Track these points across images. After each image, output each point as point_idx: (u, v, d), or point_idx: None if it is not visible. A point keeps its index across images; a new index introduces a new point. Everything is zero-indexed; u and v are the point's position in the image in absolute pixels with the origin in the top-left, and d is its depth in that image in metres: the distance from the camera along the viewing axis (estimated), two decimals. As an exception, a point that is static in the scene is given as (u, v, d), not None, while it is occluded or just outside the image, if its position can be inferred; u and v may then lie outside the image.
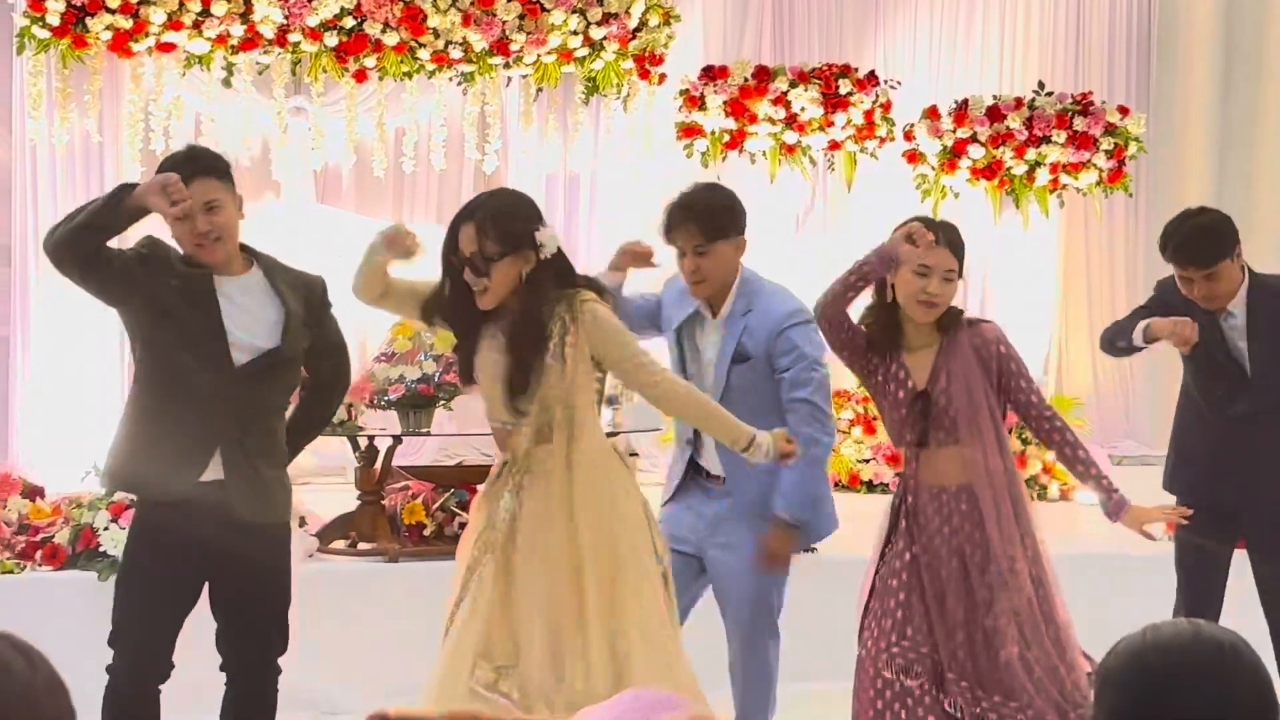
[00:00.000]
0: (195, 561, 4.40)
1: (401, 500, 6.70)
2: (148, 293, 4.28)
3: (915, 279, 4.52)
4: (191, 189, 4.25)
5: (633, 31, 9.23)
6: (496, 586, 4.25)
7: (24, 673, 1.60)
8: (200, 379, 4.30)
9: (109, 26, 8.34)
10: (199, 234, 4.31)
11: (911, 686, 4.44)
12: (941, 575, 4.49)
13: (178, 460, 4.32)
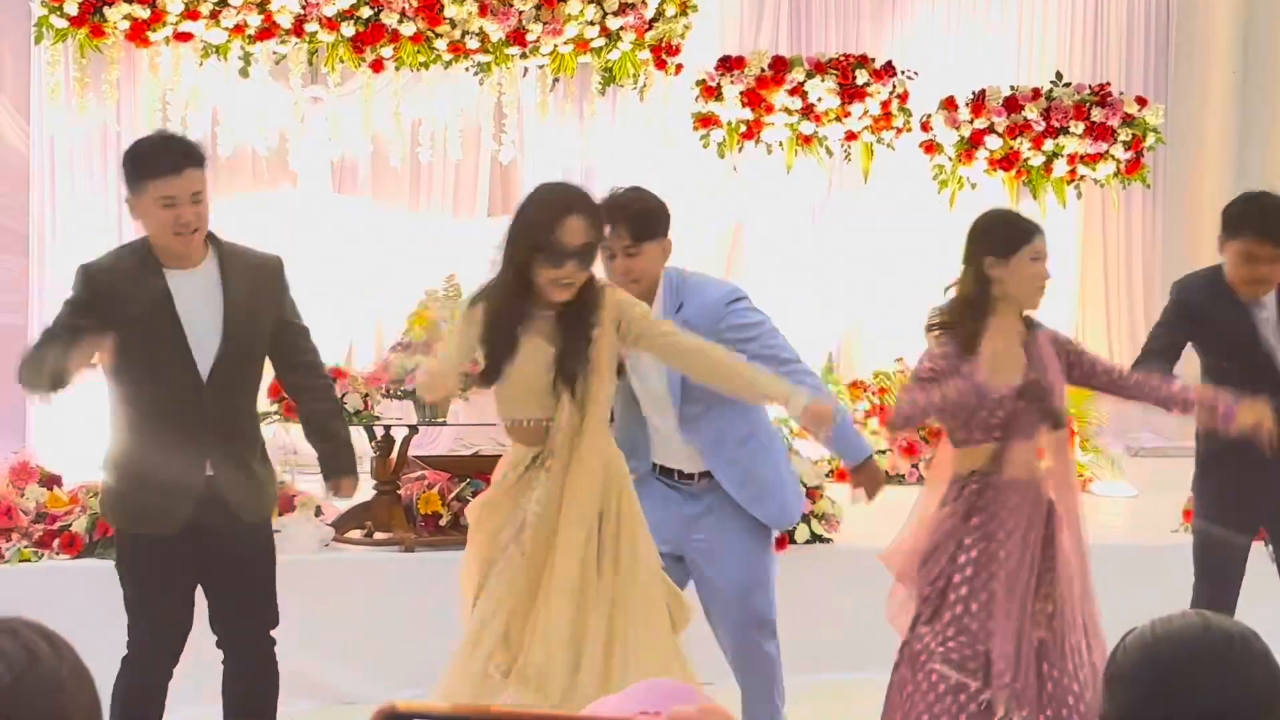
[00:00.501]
0: (188, 556, 4.46)
1: (417, 490, 6.71)
2: (108, 338, 4.29)
3: (1034, 265, 4.50)
4: (182, 179, 4.25)
5: (649, 22, 9.22)
6: (522, 578, 4.24)
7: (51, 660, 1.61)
8: (174, 400, 4.34)
9: (126, 16, 8.36)
10: (183, 224, 4.29)
11: (968, 684, 4.41)
12: (1016, 571, 4.46)
13: (169, 497, 4.37)
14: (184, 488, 4.36)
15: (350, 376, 6.72)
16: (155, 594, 4.48)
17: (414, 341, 6.68)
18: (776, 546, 6.65)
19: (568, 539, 4.23)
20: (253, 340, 4.45)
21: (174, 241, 4.31)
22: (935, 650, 4.46)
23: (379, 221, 10.01)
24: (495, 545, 4.30)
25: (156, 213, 4.27)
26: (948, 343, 4.51)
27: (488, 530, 4.35)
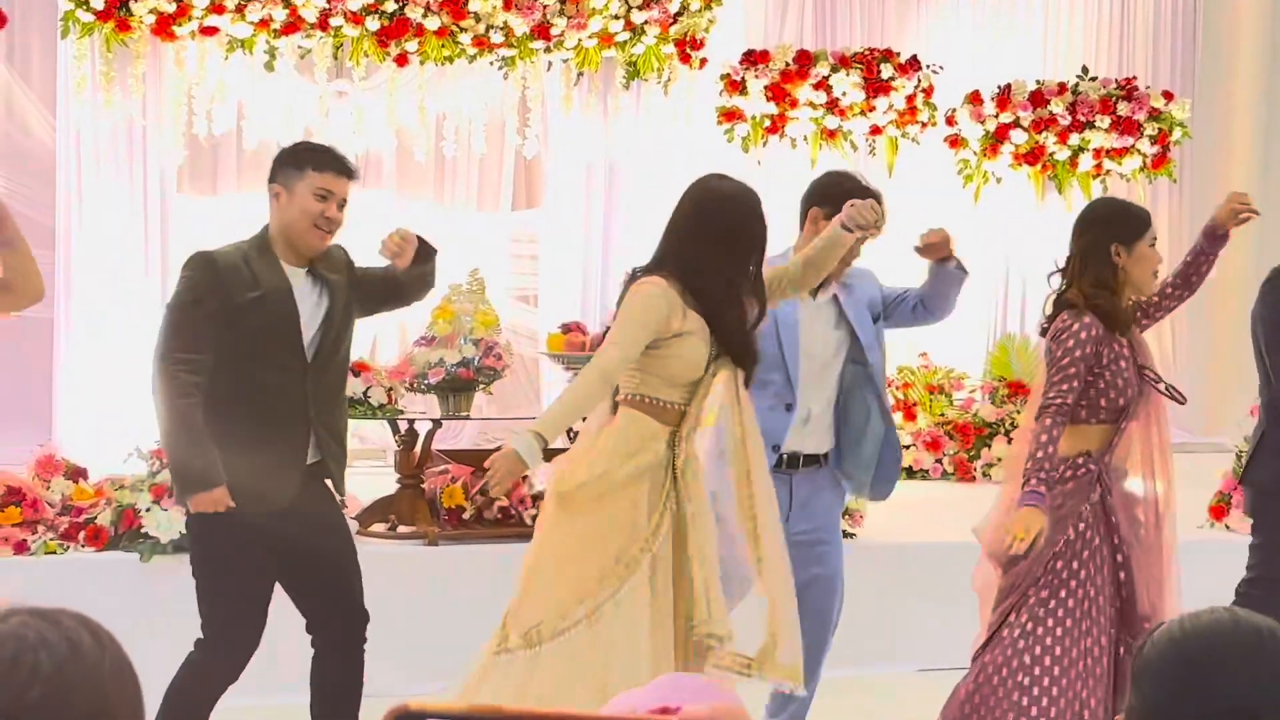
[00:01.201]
0: (273, 543, 4.49)
1: (441, 484, 6.72)
2: (228, 330, 4.39)
3: (1152, 250, 4.61)
4: (341, 181, 4.51)
5: (674, 16, 9.22)
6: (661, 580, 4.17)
7: (93, 651, 1.61)
8: (284, 380, 4.43)
9: (152, 10, 8.39)
10: (327, 219, 4.48)
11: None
12: (1130, 559, 4.50)
13: (274, 476, 4.42)
14: (293, 465, 4.46)
15: (374, 370, 6.73)
16: (249, 581, 4.49)
17: (438, 336, 6.69)
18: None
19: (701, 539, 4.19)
20: (344, 325, 4.61)
21: (311, 233, 4.47)
22: (1063, 638, 4.42)
23: (403, 215, 10.02)
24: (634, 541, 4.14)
25: (308, 201, 4.44)
26: (1094, 324, 4.50)
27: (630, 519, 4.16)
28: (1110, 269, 4.56)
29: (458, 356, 6.59)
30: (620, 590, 4.08)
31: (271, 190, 4.52)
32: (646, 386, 4.21)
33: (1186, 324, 11.55)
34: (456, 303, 6.69)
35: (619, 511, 4.14)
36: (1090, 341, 4.45)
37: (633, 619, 4.08)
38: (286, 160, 4.55)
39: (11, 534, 6.16)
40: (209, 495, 4.33)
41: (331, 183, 4.48)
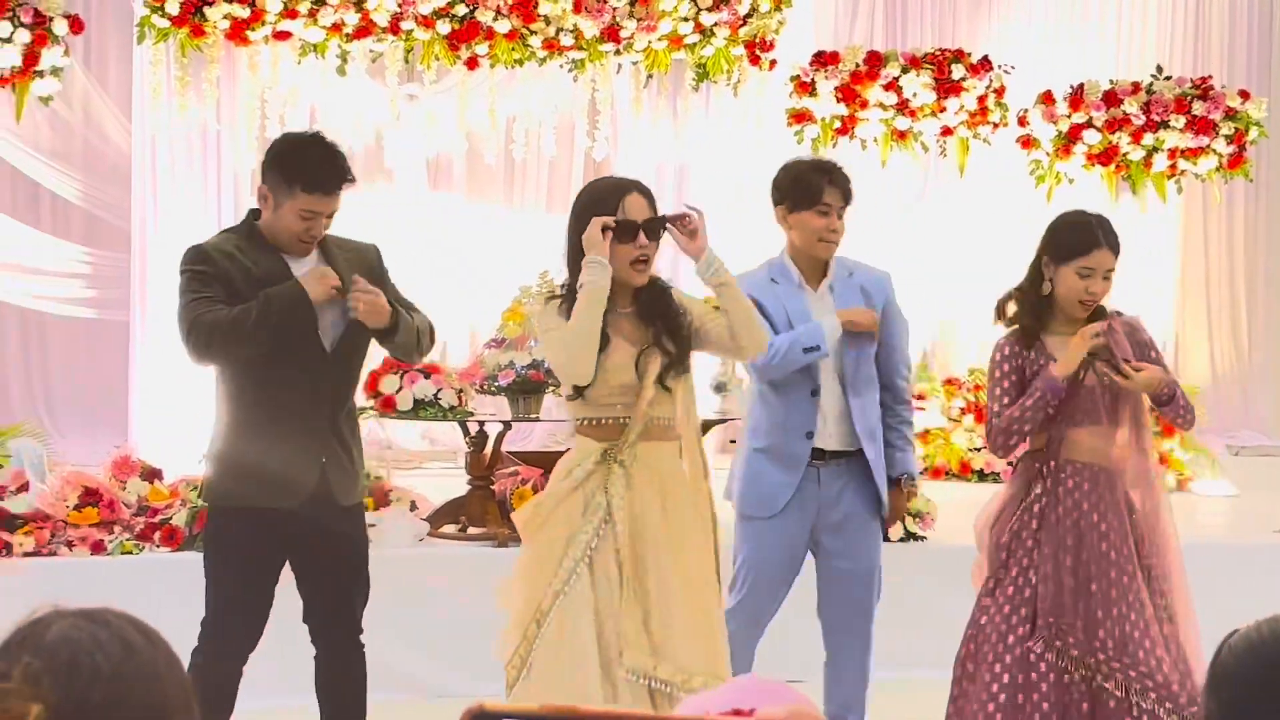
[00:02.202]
0: (280, 542, 4.48)
1: (511, 485, 6.74)
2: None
3: (1078, 280, 4.55)
4: (330, 200, 4.38)
5: (744, 17, 9.20)
6: (611, 574, 4.20)
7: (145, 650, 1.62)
8: (298, 372, 4.37)
9: (226, 15, 8.47)
10: (311, 235, 4.40)
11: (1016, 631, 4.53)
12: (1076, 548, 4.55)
13: (288, 471, 4.40)
14: (310, 461, 4.42)
15: (445, 372, 6.76)
16: (253, 575, 4.48)
17: (508, 338, 6.71)
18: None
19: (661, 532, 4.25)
20: (359, 330, 4.48)
21: (295, 245, 4.41)
22: (1000, 627, 4.54)
23: (473, 218, 10.08)
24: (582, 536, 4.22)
25: (292, 220, 4.36)
26: (1011, 343, 4.63)
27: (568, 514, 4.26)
28: (1038, 279, 4.59)
29: (528, 359, 6.61)
30: (557, 605, 4.17)
31: (258, 191, 4.44)
32: (585, 409, 4.27)
33: (1263, 325, 11.41)
34: (526, 305, 6.72)
35: (554, 532, 4.23)
36: (1010, 359, 4.59)
37: (561, 640, 4.16)
38: (278, 167, 4.39)
39: (89, 534, 6.24)
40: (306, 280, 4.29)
41: (319, 203, 4.35)
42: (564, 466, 4.30)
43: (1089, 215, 4.68)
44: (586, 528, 4.19)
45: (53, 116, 9.04)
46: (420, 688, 6.22)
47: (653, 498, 4.23)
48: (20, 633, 1.60)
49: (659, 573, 4.20)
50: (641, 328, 4.28)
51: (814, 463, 4.92)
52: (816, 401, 4.90)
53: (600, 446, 4.23)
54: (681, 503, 4.29)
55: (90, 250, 9.33)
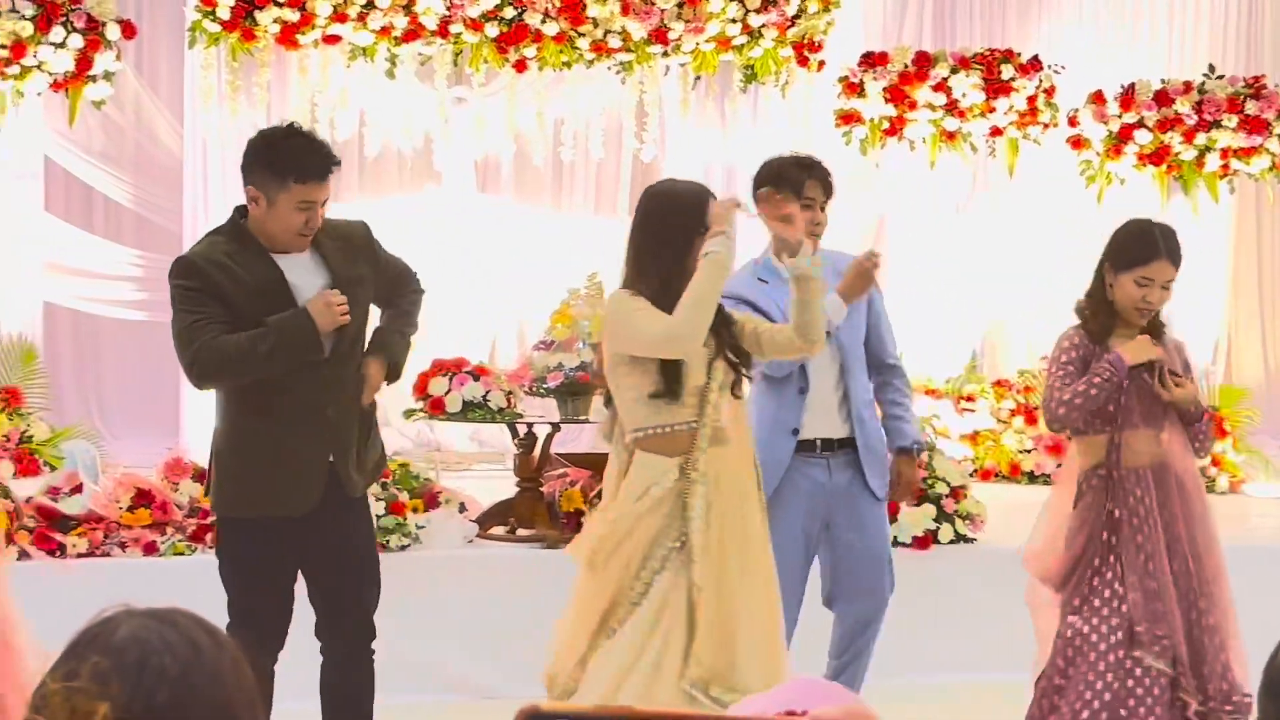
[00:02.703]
0: (292, 547, 4.46)
1: (560, 487, 6.74)
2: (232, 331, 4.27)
3: (1136, 288, 4.59)
4: (324, 186, 4.30)
5: (791, 18, 9.19)
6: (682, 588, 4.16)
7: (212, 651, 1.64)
8: (299, 377, 4.31)
9: (277, 19, 8.52)
10: (310, 227, 4.32)
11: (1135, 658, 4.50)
12: (1154, 553, 4.57)
13: (302, 476, 4.37)
14: (317, 465, 4.38)
15: (493, 374, 6.77)
16: (269, 582, 4.45)
17: (556, 340, 6.72)
18: (920, 546, 6.63)
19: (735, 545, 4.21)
20: (362, 310, 4.45)
21: (295, 241, 4.33)
22: (1092, 638, 4.51)
23: (522, 220, 10.09)
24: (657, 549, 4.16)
25: (290, 214, 4.27)
26: (1076, 334, 4.67)
27: (648, 528, 4.17)
28: (1101, 284, 4.65)
29: (576, 360, 6.62)
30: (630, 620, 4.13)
31: (247, 193, 4.31)
32: (656, 416, 4.18)
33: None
34: (575, 307, 6.72)
35: (630, 551, 4.16)
36: (1079, 347, 4.61)
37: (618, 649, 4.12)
38: (263, 162, 4.28)
39: (141, 535, 6.28)
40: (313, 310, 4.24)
41: (315, 191, 4.27)
42: (637, 485, 4.18)
43: (1154, 226, 4.69)
44: (664, 542, 4.15)
45: (105, 120, 9.12)
46: (470, 688, 6.24)
47: (728, 507, 4.20)
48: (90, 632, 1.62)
49: (731, 590, 4.16)
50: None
51: (823, 454, 5.01)
52: (804, 399, 4.98)
53: (675, 461, 4.17)
54: (749, 508, 4.27)
55: (142, 253, 9.40)
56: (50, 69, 8.26)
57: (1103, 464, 4.61)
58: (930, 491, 6.70)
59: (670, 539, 4.15)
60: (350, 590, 4.55)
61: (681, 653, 4.12)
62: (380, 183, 9.89)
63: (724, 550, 4.17)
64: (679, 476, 4.15)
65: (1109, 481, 4.59)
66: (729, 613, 4.15)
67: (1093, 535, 4.60)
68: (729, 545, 4.18)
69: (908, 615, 6.55)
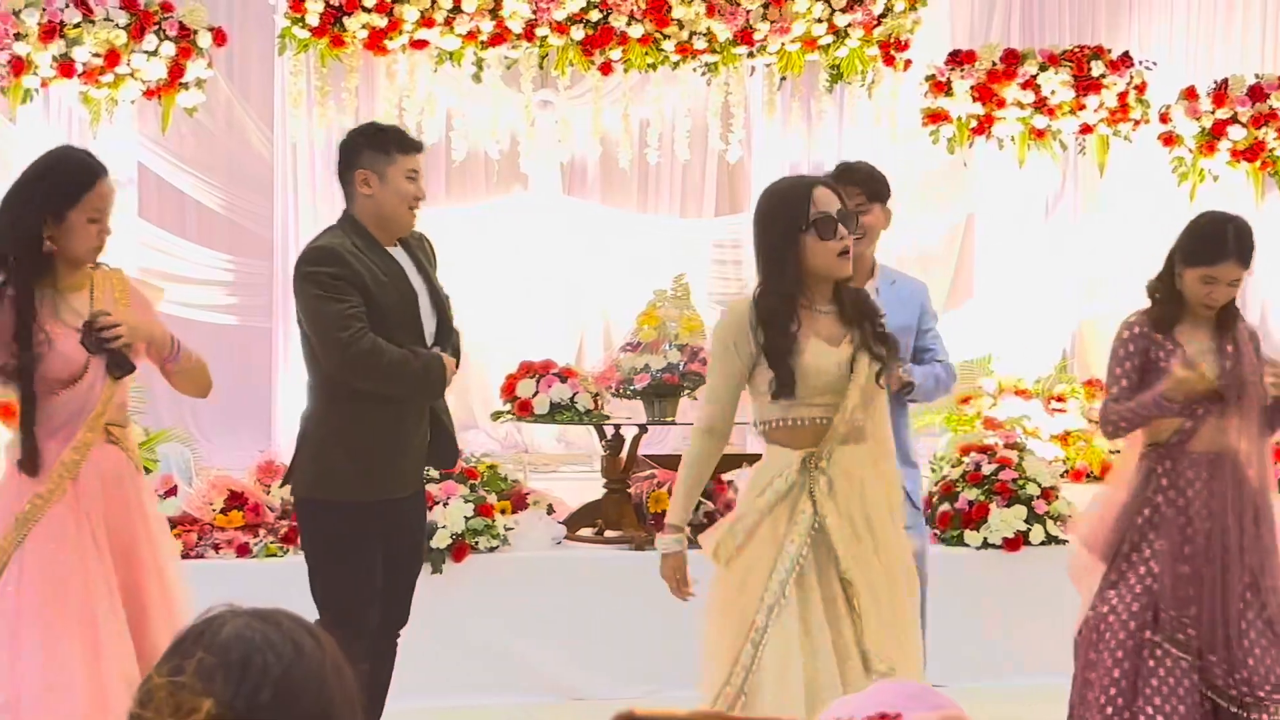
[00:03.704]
0: (379, 531, 4.55)
1: (647, 488, 6.75)
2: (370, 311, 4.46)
3: (1201, 286, 4.58)
4: (422, 156, 4.59)
5: (878, 17, 9.14)
6: (825, 589, 4.04)
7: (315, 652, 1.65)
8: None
9: (365, 25, 8.59)
10: (417, 199, 4.55)
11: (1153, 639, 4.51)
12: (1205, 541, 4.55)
13: (409, 459, 4.54)
14: (419, 447, 4.58)
15: (580, 376, 6.79)
16: (368, 568, 4.51)
17: (643, 341, 6.72)
18: (1011, 548, 6.57)
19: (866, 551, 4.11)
20: (448, 303, 4.67)
21: (406, 215, 4.55)
22: (1121, 615, 4.52)
23: (608, 223, 10.12)
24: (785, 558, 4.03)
25: (402, 185, 4.50)
26: (1139, 323, 4.66)
27: (772, 535, 4.06)
28: (1170, 276, 4.64)
29: (663, 362, 6.62)
30: (767, 632, 3.96)
31: (357, 178, 4.52)
32: (780, 410, 4.09)
33: None
34: (661, 309, 6.72)
35: (759, 550, 4.04)
36: (1136, 339, 4.61)
37: (782, 660, 3.94)
38: (367, 146, 4.55)
39: (234, 537, 6.36)
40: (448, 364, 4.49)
41: (416, 162, 4.56)
42: (760, 479, 4.09)
43: (1228, 223, 4.61)
44: (794, 538, 4.01)
45: (197, 127, 9.23)
46: (558, 690, 6.26)
47: (855, 504, 4.06)
48: (195, 629, 1.64)
49: (868, 583, 4.05)
50: (842, 328, 4.12)
51: None
52: None
53: (799, 454, 4.04)
54: (881, 508, 4.12)
55: (234, 258, 9.51)
56: (143, 77, 8.37)
57: (1163, 443, 4.60)
58: (1021, 493, 6.65)
59: (801, 534, 4.01)
60: (405, 577, 4.67)
61: (854, 644, 4.00)
62: (467, 187, 9.94)
63: (854, 542, 4.05)
64: (801, 468, 4.04)
65: (1164, 461, 4.59)
66: (871, 600, 4.03)
67: (1137, 511, 4.60)
68: (857, 538, 4.06)
69: (999, 617, 6.51)
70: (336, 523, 4.50)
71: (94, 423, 4.03)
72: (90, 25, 8.23)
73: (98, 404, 4.05)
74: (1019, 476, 6.69)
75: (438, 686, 5.97)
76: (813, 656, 3.95)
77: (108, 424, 4.08)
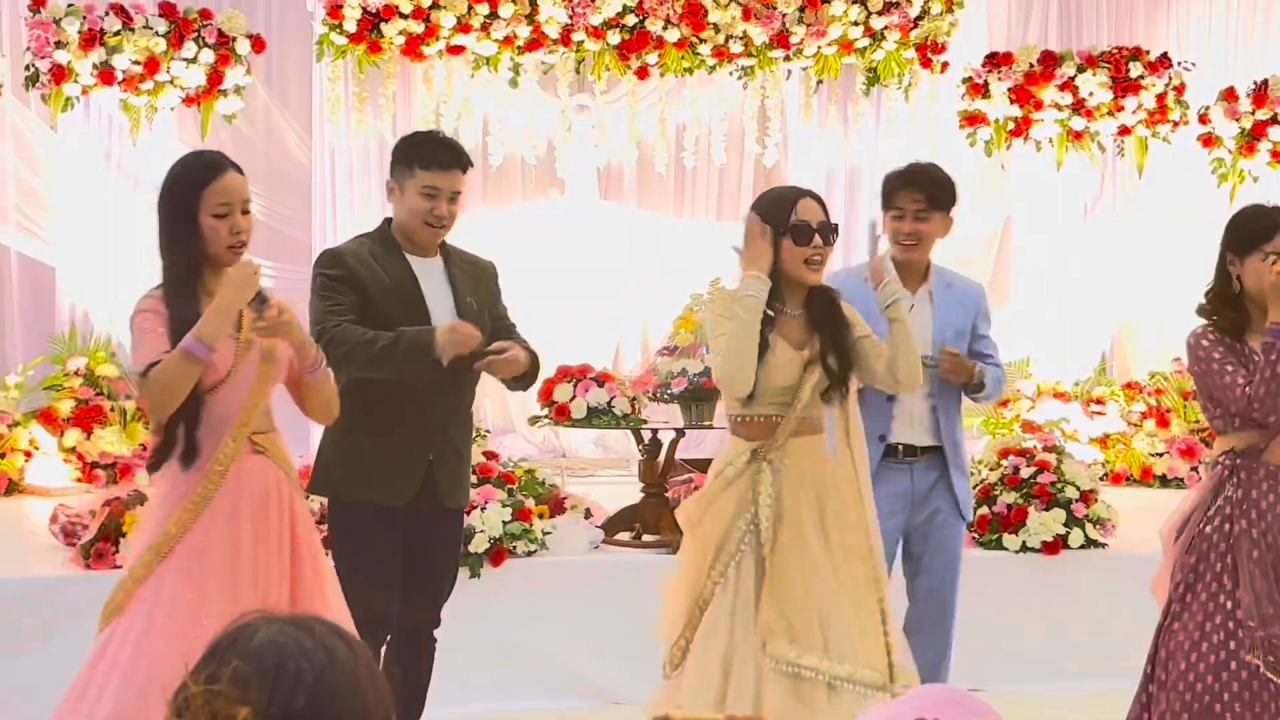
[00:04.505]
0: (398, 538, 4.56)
1: (684, 492, 6.74)
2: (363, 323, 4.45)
3: (1263, 267, 4.42)
4: (448, 176, 4.53)
5: (914, 20, 9.12)
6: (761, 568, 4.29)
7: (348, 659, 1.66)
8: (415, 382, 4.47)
9: (402, 31, 8.63)
10: (435, 216, 4.52)
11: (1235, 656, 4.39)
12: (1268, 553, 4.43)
13: (395, 469, 4.52)
14: (416, 461, 4.53)
15: (617, 380, 6.80)
16: (381, 562, 4.53)
17: (680, 346, 6.72)
18: (1050, 551, 6.54)
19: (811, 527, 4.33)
20: (478, 325, 4.55)
21: (422, 230, 4.54)
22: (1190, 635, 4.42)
23: (645, 226, 10.12)
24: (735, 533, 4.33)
25: (415, 200, 4.52)
26: (1207, 333, 4.50)
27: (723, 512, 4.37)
28: (1225, 278, 4.49)
29: (700, 366, 6.62)
30: (715, 594, 4.30)
31: (387, 186, 4.63)
32: (739, 406, 4.39)
33: None
34: (698, 312, 6.72)
35: (711, 526, 4.36)
36: (1218, 344, 4.45)
37: (708, 631, 4.28)
38: (399, 156, 4.60)
39: (273, 540, 6.38)
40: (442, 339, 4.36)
41: (438, 179, 4.51)
42: (717, 465, 4.43)
43: (1267, 206, 4.56)
44: (739, 524, 4.30)
45: (236, 134, 9.28)
46: (596, 693, 6.26)
47: (803, 493, 4.32)
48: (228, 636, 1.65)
49: (804, 564, 4.26)
50: (806, 332, 4.38)
51: (906, 459, 5.02)
52: (892, 406, 4.98)
53: (750, 446, 4.35)
54: (832, 495, 4.36)
55: (272, 263, 9.55)
56: (182, 84, 8.43)
57: (1240, 452, 4.46)
58: (1060, 496, 6.62)
59: (744, 523, 4.30)
60: (428, 588, 4.67)
61: (755, 624, 4.25)
62: (504, 191, 9.97)
63: (796, 529, 4.28)
64: (750, 459, 4.33)
65: (1236, 473, 4.46)
66: (812, 581, 4.24)
67: (1209, 525, 4.47)
68: (801, 525, 4.28)
69: (1038, 621, 6.48)
70: (347, 520, 4.60)
71: (238, 431, 3.98)
72: (130, 33, 8.29)
73: (240, 412, 3.98)
74: (1058, 480, 6.66)
75: (475, 691, 5.99)
76: (736, 631, 4.24)
77: (253, 434, 4.02)
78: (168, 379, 3.86)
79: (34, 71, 8.33)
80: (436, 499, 4.58)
